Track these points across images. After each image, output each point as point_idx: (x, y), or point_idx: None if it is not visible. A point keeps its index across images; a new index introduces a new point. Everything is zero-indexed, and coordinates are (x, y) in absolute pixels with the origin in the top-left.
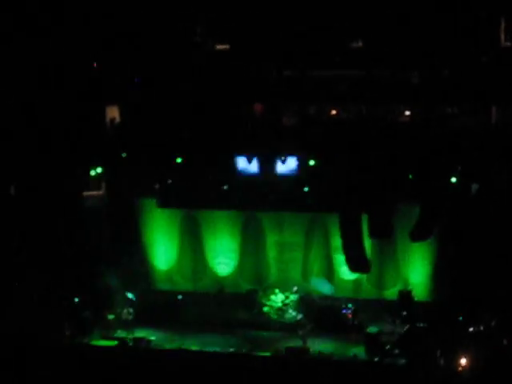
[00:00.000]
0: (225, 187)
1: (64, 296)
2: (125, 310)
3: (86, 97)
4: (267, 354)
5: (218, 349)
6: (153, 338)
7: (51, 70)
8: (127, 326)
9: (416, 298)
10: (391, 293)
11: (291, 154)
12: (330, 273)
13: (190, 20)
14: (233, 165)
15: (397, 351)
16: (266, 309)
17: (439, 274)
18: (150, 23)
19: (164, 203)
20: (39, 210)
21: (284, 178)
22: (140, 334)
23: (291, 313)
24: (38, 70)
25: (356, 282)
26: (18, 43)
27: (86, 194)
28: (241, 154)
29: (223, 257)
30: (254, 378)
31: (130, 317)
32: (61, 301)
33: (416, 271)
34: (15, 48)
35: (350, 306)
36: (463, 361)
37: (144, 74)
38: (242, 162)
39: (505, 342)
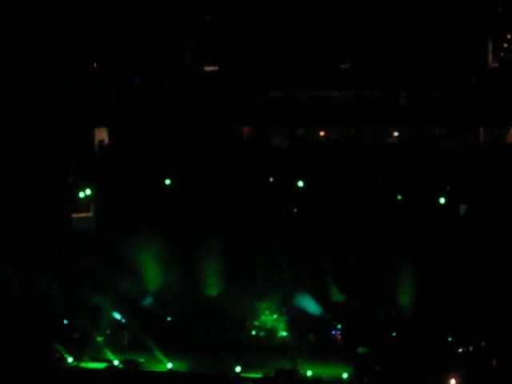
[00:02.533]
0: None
1: (54, 318)
2: (119, 334)
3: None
4: (257, 375)
5: (206, 370)
6: (142, 360)
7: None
8: (122, 349)
9: (405, 319)
10: (379, 314)
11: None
12: (319, 294)
13: (179, 42)
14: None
15: (386, 372)
16: (255, 330)
17: (428, 296)
18: (140, 44)
19: (153, 225)
20: (29, 231)
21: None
22: (129, 356)
23: (281, 334)
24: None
25: (345, 302)
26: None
27: (74, 216)
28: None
29: (212, 277)
30: None
31: (125, 340)
32: (50, 323)
33: (404, 292)
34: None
35: (338, 327)
36: (453, 381)
37: (134, 94)
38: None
39: (494, 362)
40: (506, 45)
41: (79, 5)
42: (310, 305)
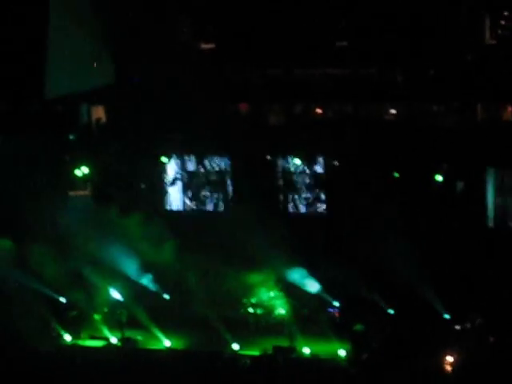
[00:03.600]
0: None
1: (51, 296)
2: (118, 311)
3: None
4: (255, 352)
5: (204, 349)
6: (139, 337)
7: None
8: (120, 326)
9: (402, 298)
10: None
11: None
12: (315, 271)
13: (176, 19)
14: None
15: (384, 349)
16: (253, 308)
17: (425, 272)
18: (136, 23)
19: (150, 203)
20: (27, 207)
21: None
22: (127, 333)
23: (278, 311)
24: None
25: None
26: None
27: (71, 193)
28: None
29: (209, 256)
30: (242, 377)
31: (124, 318)
32: (47, 301)
33: (402, 269)
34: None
35: (335, 304)
36: (450, 358)
37: (130, 73)
38: None
39: (491, 339)
40: (503, 22)
41: None
42: (307, 282)
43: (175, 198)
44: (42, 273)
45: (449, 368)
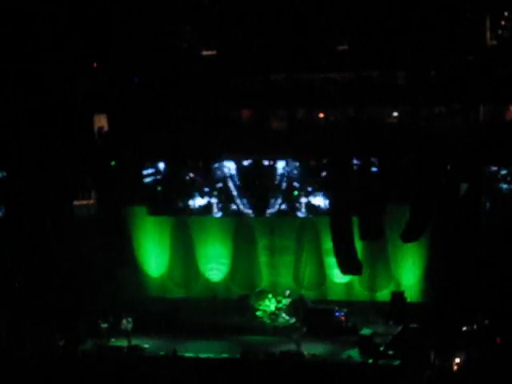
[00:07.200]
0: (215, 193)
1: (57, 306)
2: (124, 320)
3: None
4: (261, 357)
5: (211, 355)
6: (146, 345)
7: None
8: (127, 334)
9: (408, 299)
10: (383, 295)
11: (280, 158)
12: (321, 276)
13: (177, 26)
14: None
15: (391, 352)
16: (259, 313)
17: (431, 275)
18: (137, 29)
19: (154, 211)
20: (30, 220)
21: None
22: (134, 341)
23: (284, 317)
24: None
25: (348, 284)
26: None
27: (76, 203)
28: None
29: (215, 263)
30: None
31: (130, 326)
32: (54, 311)
33: (408, 272)
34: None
35: (342, 308)
36: (457, 360)
37: (131, 80)
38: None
39: (498, 340)
40: (503, 22)
41: None
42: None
43: None
44: (48, 282)
45: (456, 369)
